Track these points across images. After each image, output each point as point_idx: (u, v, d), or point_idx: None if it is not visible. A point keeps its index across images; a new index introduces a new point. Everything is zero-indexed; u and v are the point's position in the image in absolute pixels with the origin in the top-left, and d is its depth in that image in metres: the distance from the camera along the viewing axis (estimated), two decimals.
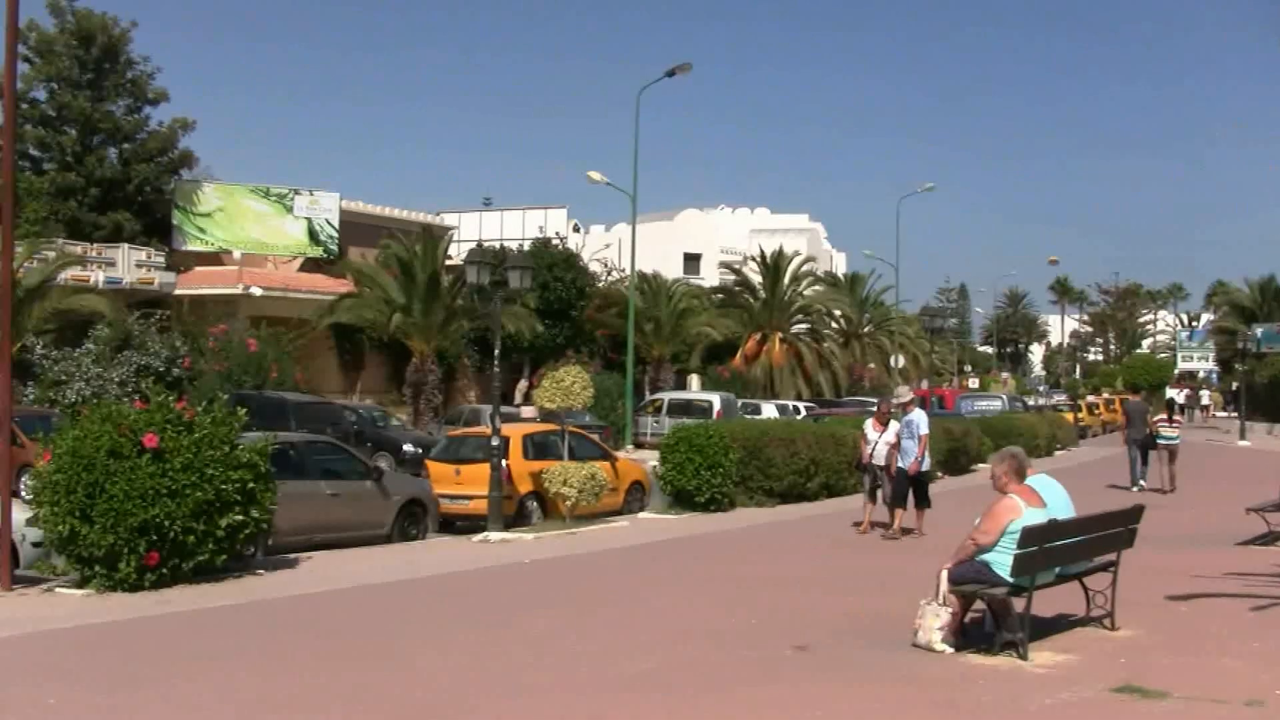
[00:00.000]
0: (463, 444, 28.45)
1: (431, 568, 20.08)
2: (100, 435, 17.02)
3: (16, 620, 15.08)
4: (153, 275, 53.09)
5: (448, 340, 51.73)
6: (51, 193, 55.57)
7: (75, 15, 58.16)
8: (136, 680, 11.88)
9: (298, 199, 63.25)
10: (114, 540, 16.64)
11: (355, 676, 11.91)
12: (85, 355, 39.43)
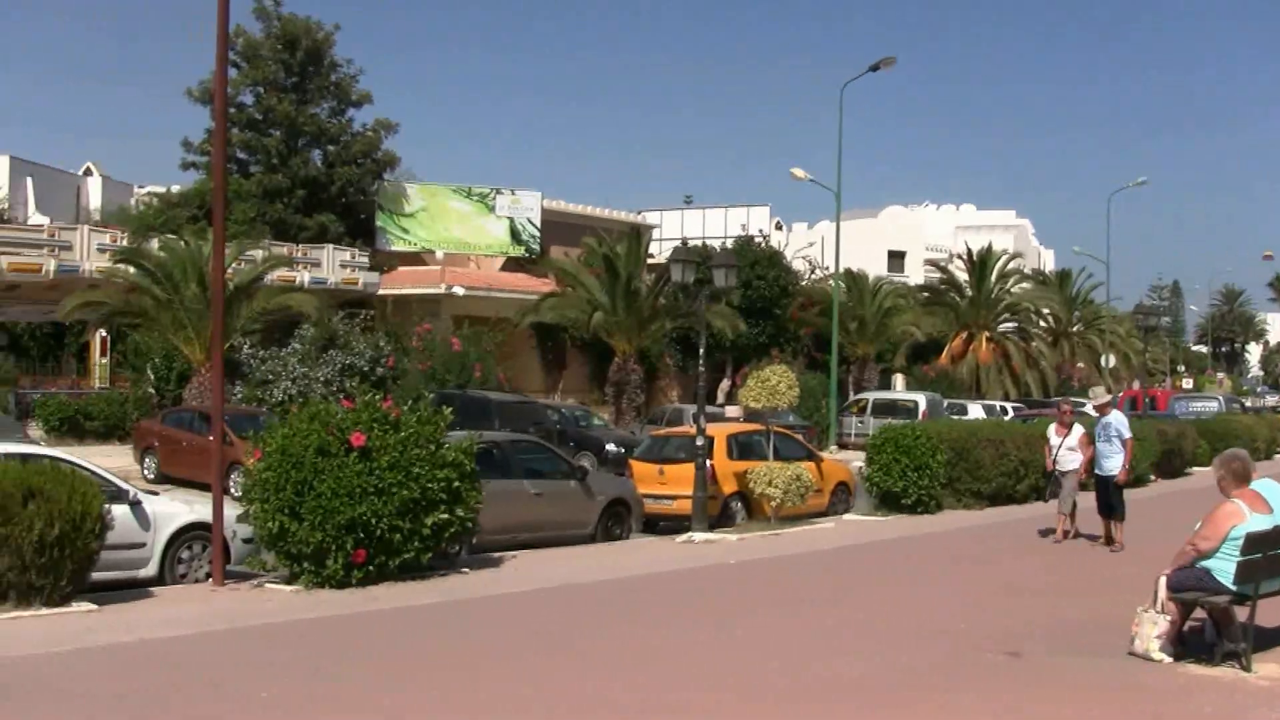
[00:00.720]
0: (666, 443, 28.25)
1: (635, 568, 19.91)
2: (309, 434, 17.13)
3: (229, 615, 15.28)
4: (357, 275, 53.95)
5: (649, 339, 51.64)
6: (259, 195, 56.83)
7: (281, 21, 59.42)
8: (347, 676, 11.93)
9: (499, 199, 63.80)
10: (322, 537, 16.73)
11: (559, 677, 11.78)
12: (291, 355, 40.09)
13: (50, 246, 44.71)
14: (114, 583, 16.76)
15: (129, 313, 39.93)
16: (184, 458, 30.97)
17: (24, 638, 13.41)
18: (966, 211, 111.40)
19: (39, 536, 14.42)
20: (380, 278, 55.88)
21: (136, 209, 69.15)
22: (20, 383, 49.20)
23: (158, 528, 17.69)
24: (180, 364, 40.19)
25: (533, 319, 52.33)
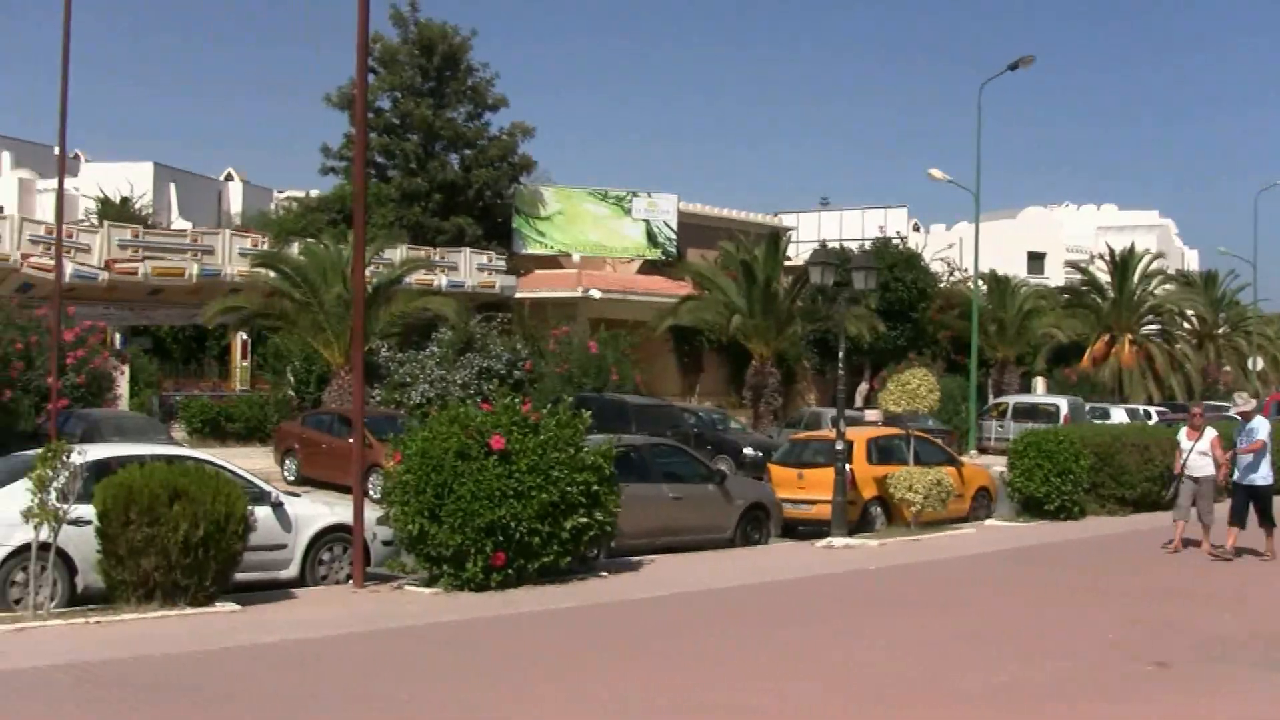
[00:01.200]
0: (805, 447, 27.98)
1: (774, 573, 19.71)
2: (449, 437, 17.14)
3: (370, 616, 15.37)
4: (494, 279, 54.22)
5: (787, 342, 51.29)
6: (397, 199, 57.32)
7: (418, 26, 59.89)
8: (488, 679, 11.90)
9: (636, 201, 63.79)
10: (462, 540, 16.72)
11: (697, 682, 11.66)
12: (429, 358, 40.36)
13: (193, 251, 45.42)
14: (256, 583, 16.94)
15: (269, 316, 40.42)
16: (324, 460, 31.26)
17: (170, 637, 13.57)
18: (1108, 211, 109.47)
19: (184, 537, 14.61)
20: (517, 281, 56.11)
21: (276, 214, 70.10)
22: (164, 385, 50.05)
23: (299, 529, 17.82)
24: (320, 367, 40.61)
25: (670, 322, 52.19)
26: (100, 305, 43.42)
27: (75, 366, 28.70)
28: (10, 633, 13.79)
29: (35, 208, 78.25)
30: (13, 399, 26.35)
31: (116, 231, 44.46)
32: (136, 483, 14.73)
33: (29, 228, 42.18)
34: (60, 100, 25.02)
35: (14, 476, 15.94)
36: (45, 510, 14.31)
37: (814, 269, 26.04)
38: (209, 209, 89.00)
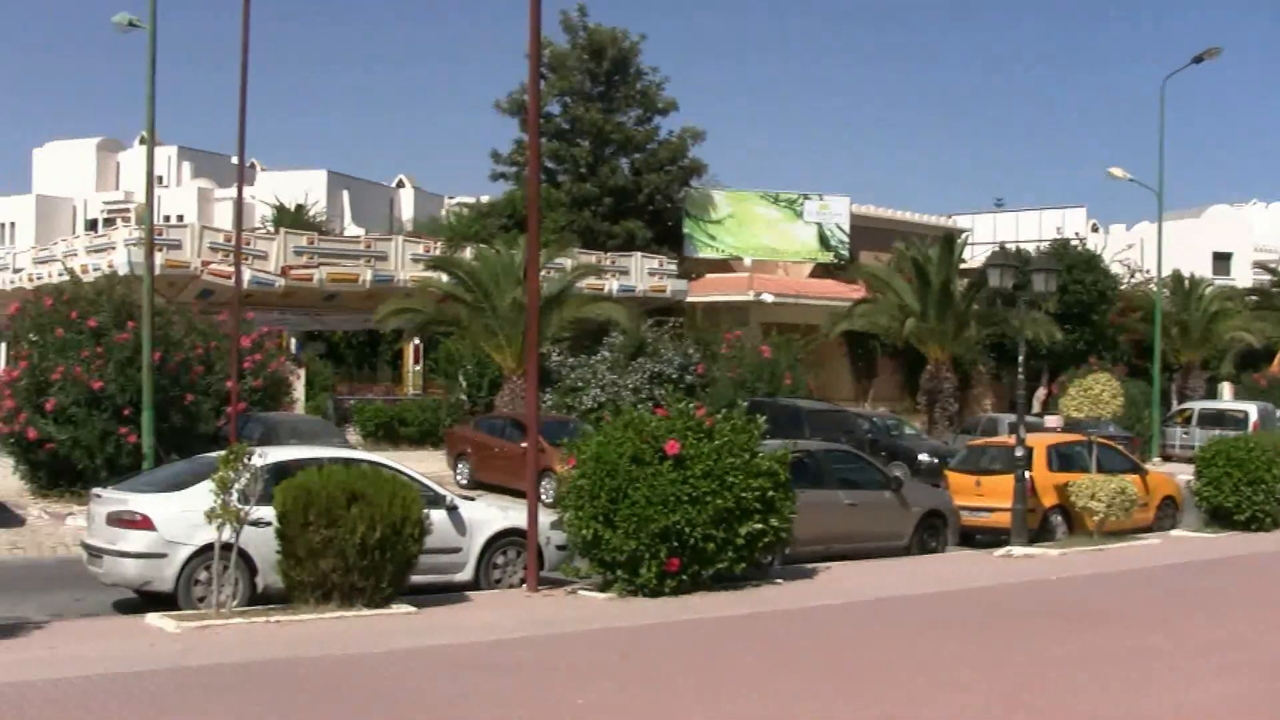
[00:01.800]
0: (983, 454, 27.49)
1: (952, 582, 19.42)
2: (623, 441, 17.06)
3: (544, 620, 15.38)
4: (665, 283, 54.19)
5: (962, 346, 50.48)
6: (567, 203, 57.56)
7: (587, 31, 60.06)
8: (662, 685, 11.82)
9: (807, 204, 63.34)
10: (636, 545, 16.63)
11: (872, 692, 11.49)
12: (601, 362, 40.38)
13: (367, 257, 46.10)
14: (431, 586, 17.04)
15: (442, 321, 40.78)
16: (496, 464, 31.41)
17: (347, 638, 13.70)
18: None
19: (361, 539, 14.74)
20: (688, 285, 56.03)
21: (447, 219, 70.90)
22: (338, 389, 50.89)
23: (473, 533, 17.88)
24: (492, 371, 40.87)
25: (843, 326, 51.64)
26: (276, 311, 44.28)
27: (253, 371, 29.16)
28: (194, 630, 14.05)
29: (213, 216, 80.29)
30: (194, 402, 26.85)
31: (292, 238, 45.30)
32: (315, 485, 14.89)
33: (208, 235, 43.15)
34: (239, 112, 25.49)
35: (197, 478, 16.23)
36: (227, 511, 14.51)
37: (992, 271, 25.57)
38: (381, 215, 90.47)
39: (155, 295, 26.15)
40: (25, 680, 11.38)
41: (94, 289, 28.78)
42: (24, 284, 44.31)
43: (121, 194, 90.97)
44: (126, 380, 26.01)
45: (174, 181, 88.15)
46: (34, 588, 18.39)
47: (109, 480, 20.72)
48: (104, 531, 16.34)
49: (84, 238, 49.43)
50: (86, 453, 26.06)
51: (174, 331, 27.55)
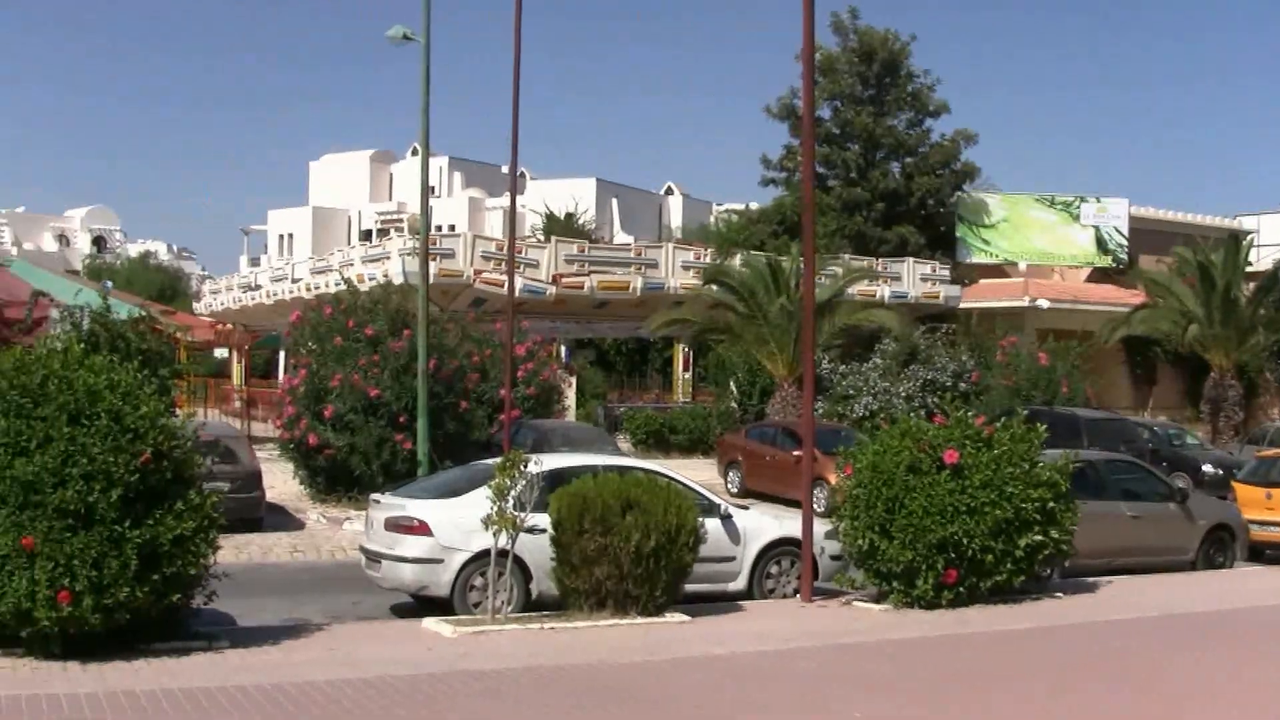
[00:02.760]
0: (1274, 465, 26.29)
1: (1242, 599, 18.71)
2: (900, 450, 16.75)
3: (819, 631, 15.19)
4: (937, 289, 53.34)
5: (1248, 353, 48.49)
6: (838, 209, 57.16)
7: (857, 33, 59.57)
8: (944, 700, 11.62)
9: (1084, 207, 61.79)
10: (913, 556, 16.30)
11: (1158, 713, 11.09)
12: (872, 370, 39.90)
13: (637, 265, 46.34)
14: (704, 595, 16.91)
15: (712, 329, 40.79)
16: (768, 472, 31.26)
17: (621, 645, 13.70)
18: None
19: (636, 547, 14.72)
20: (961, 291, 55.08)
21: (716, 226, 71.05)
22: (609, 397, 51.30)
23: (747, 542, 17.73)
24: (763, 379, 40.72)
25: (1122, 332, 50.04)
26: (547, 319, 44.85)
27: (526, 378, 29.56)
28: (470, 635, 14.19)
29: (484, 225, 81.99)
30: (468, 410, 27.28)
31: (564, 247, 45.82)
32: (590, 493, 14.94)
33: (480, 244, 43.90)
34: (512, 123, 25.91)
35: (473, 484, 16.43)
36: (504, 518, 14.61)
37: None
38: (650, 223, 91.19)
39: (430, 304, 26.63)
40: (307, 680, 11.62)
41: (370, 298, 29.48)
42: (302, 293, 45.72)
43: (394, 205, 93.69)
44: (402, 387, 26.53)
45: (445, 191, 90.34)
46: (313, 590, 18.88)
47: (385, 486, 21.14)
48: (382, 536, 16.64)
49: (359, 248, 50.85)
50: (363, 459, 26.66)
51: (448, 339, 28.05)
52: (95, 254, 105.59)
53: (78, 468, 12.15)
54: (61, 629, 12.08)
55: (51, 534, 11.96)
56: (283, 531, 24.46)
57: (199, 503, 12.93)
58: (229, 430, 29.75)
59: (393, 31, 26.02)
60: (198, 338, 45.07)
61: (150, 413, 12.84)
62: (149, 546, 12.31)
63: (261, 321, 57.04)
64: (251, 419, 44.04)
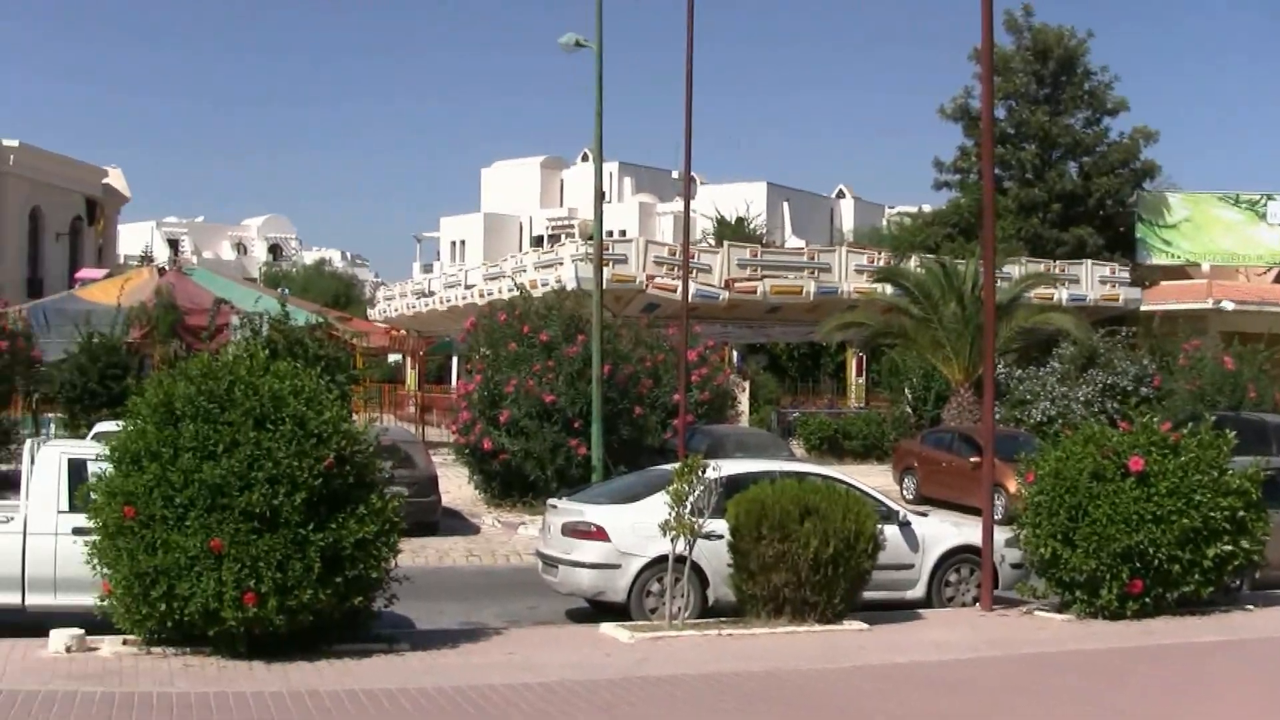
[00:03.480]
0: None
1: None
2: (1083, 457, 16.39)
3: (1000, 641, 15.00)
4: (1117, 291, 52.28)
5: None
6: (1014, 210, 56.34)
7: (1032, 31, 58.66)
8: (1133, 713, 11.47)
9: (1271, 205, 60.14)
10: (1096, 565, 15.94)
11: None
12: (1050, 374, 39.23)
13: (810, 269, 46.10)
14: (882, 603, 16.74)
15: (887, 333, 40.41)
16: (944, 479, 30.89)
17: (800, 653, 13.66)
18: None
19: (814, 554, 14.62)
20: (1141, 293, 53.91)
21: (888, 229, 70.47)
22: (781, 402, 51.14)
23: (926, 549, 17.49)
24: (938, 384, 40.27)
25: None
26: (720, 323, 44.79)
27: (699, 384, 29.52)
28: (648, 641, 14.21)
29: (656, 230, 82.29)
30: (642, 415, 27.33)
31: (736, 251, 45.77)
32: (768, 499, 14.87)
33: (653, 250, 44.01)
34: (685, 129, 25.90)
35: (650, 490, 16.44)
36: (682, 523, 14.61)
37: None
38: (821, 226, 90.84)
39: (603, 309, 26.73)
40: (487, 684, 11.75)
41: (544, 304, 29.70)
42: (475, 299, 46.24)
43: (565, 210, 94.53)
44: (576, 393, 26.68)
45: (616, 197, 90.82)
46: (490, 594, 19.04)
47: (560, 491, 21.25)
48: (559, 541, 16.71)
49: (532, 254, 51.24)
50: (538, 464, 26.85)
51: (622, 345, 28.12)
52: (271, 262, 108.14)
53: (263, 472, 12.38)
54: (247, 629, 12.34)
55: (238, 536, 12.20)
56: (458, 536, 24.75)
57: (380, 507, 13.11)
58: (406, 435, 30.20)
59: (565, 39, 26.19)
60: (373, 343, 45.71)
61: (333, 418, 13.06)
62: (332, 549, 12.51)
63: (435, 327, 57.81)
64: (426, 424, 44.68)
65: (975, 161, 56.90)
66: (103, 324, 32.43)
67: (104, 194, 65.27)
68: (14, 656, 12.49)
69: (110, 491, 12.74)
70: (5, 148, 56.74)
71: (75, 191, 62.30)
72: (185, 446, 12.60)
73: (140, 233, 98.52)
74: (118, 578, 12.54)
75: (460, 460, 29.84)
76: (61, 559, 14.09)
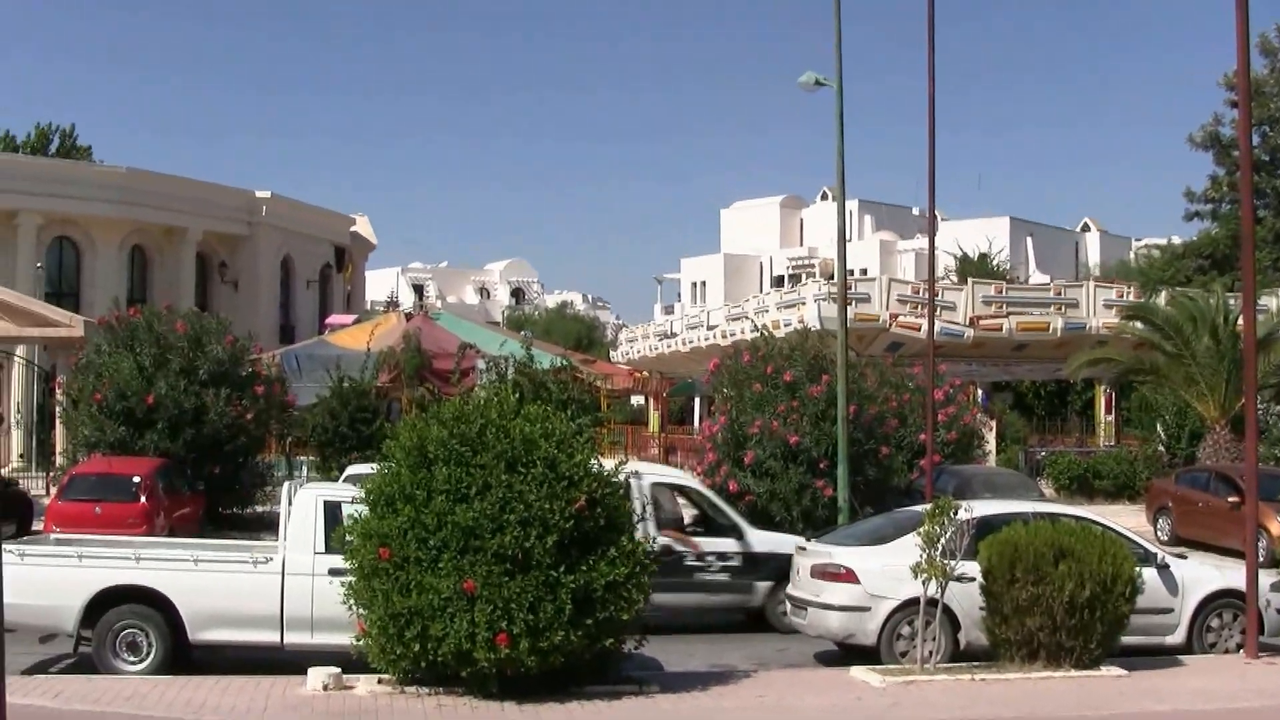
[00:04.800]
0: None
1: None
2: None
3: (1268, 691, 14.46)
4: None
5: None
6: (1270, 240, 54.50)
7: None
8: None
9: None
10: None
11: None
12: None
13: (1056, 304, 45.20)
14: (1139, 648, 16.27)
15: (1137, 370, 39.38)
16: (1201, 520, 29.92)
17: (1055, 699, 13.49)
18: None
19: (1070, 597, 14.36)
20: None
21: (1136, 263, 68.80)
22: (1029, 441, 50.17)
23: (1186, 593, 16.94)
24: (1192, 421, 39.13)
25: None
26: (964, 362, 44.16)
27: (946, 423, 29.15)
28: (899, 685, 14.12)
29: (897, 267, 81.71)
30: (888, 455, 27.06)
31: (980, 288, 45.14)
32: (1021, 540, 14.62)
33: (896, 288, 43.68)
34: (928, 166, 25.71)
35: (900, 531, 16.28)
36: (933, 566, 14.43)
37: None
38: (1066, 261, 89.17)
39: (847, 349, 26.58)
40: None
41: (787, 344, 29.62)
42: (717, 340, 46.38)
43: (805, 250, 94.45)
44: (821, 433, 26.51)
45: (857, 235, 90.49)
46: (738, 636, 19.04)
47: (807, 533, 21.13)
48: (808, 584, 16.63)
49: (774, 294, 51.27)
50: (783, 505, 26.70)
51: (866, 385, 27.89)
52: (514, 305, 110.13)
53: (515, 514, 12.58)
54: (499, 670, 12.55)
55: (490, 578, 12.41)
56: None
57: (631, 549, 13.21)
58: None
59: (804, 78, 26.15)
60: (616, 385, 46.20)
61: (584, 460, 13.21)
62: (583, 591, 12.64)
63: (677, 369, 58.13)
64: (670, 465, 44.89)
65: (1228, 191, 55.31)
66: (352, 369, 33.41)
67: (352, 241, 67.22)
68: (274, 694, 12.90)
69: (366, 533, 13.09)
70: (258, 199, 58.79)
71: (324, 240, 64.32)
72: (438, 489, 12.88)
73: (386, 278, 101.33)
74: (373, 618, 12.87)
75: None
76: (318, 599, 14.56)
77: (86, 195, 52.03)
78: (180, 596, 14.90)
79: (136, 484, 23.55)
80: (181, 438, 27.81)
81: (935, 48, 25.60)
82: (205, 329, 30.11)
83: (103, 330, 30.53)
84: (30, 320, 33.44)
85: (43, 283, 48.59)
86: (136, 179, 53.59)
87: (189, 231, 55.16)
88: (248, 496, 30.53)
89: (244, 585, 15.04)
